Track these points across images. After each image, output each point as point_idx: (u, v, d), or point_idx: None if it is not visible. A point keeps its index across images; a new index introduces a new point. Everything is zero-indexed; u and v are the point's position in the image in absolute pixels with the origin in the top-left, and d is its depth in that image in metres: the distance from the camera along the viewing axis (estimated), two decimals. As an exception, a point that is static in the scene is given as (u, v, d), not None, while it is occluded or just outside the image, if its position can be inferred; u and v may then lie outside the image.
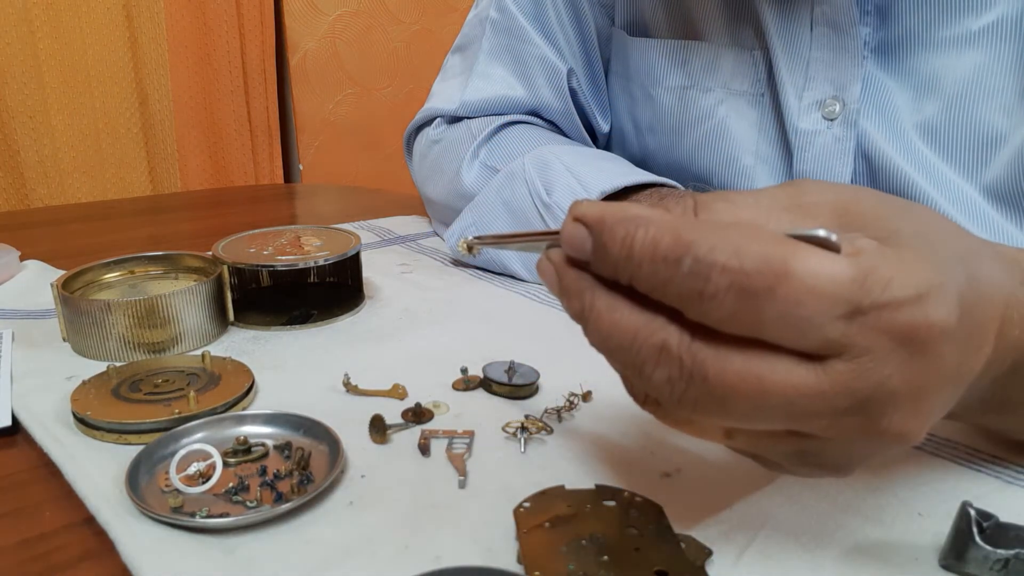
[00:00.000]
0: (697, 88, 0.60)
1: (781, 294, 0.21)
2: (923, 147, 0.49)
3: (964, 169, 0.48)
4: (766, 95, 0.56)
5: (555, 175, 0.56)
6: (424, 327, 0.51)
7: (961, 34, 0.47)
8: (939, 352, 0.23)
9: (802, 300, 0.21)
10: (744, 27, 0.57)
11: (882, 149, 0.49)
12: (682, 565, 0.27)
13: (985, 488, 0.32)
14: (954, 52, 0.48)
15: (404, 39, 2.02)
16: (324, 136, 1.94)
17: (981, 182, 0.47)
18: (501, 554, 0.29)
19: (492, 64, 0.67)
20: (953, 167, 0.48)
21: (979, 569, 0.27)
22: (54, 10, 1.47)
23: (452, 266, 0.64)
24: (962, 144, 0.48)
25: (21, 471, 0.35)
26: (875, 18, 0.50)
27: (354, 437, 0.36)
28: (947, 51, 0.48)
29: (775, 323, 0.22)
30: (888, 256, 0.23)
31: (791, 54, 0.53)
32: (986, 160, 0.47)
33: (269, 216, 0.92)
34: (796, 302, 0.21)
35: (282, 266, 0.51)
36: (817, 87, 0.52)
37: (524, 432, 0.36)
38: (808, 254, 0.22)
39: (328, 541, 0.30)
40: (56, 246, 0.74)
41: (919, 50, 0.49)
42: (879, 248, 0.23)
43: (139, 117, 1.62)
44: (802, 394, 0.22)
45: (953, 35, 0.47)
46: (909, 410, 0.23)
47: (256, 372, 0.42)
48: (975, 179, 0.48)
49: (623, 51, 0.66)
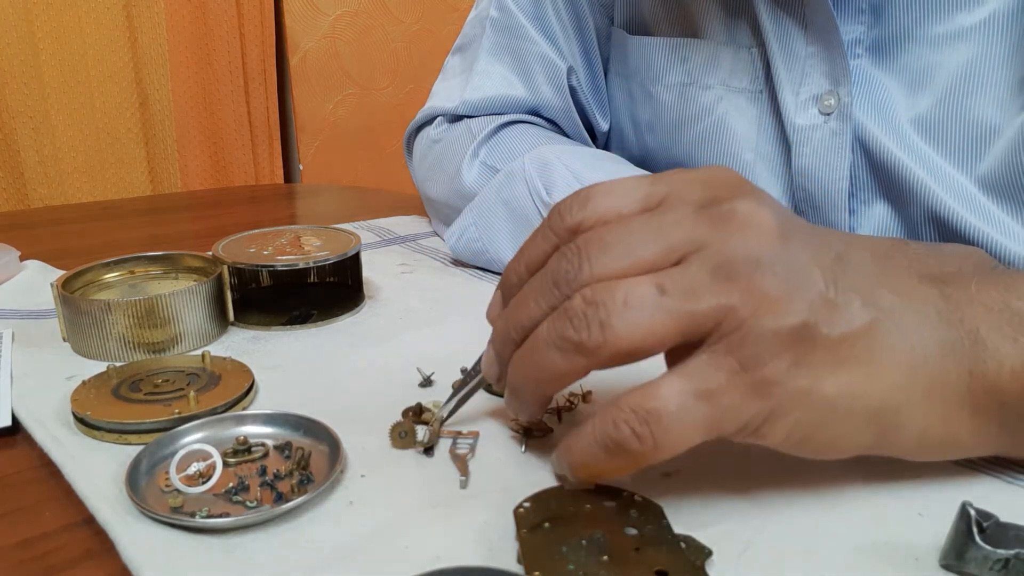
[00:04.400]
0: (696, 85, 0.60)
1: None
2: (919, 140, 0.49)
3: (958, 161, 0.48)
4: (764, 92, 0.56)
5: (555, 175, 0.56)
6: (424, 327, 0.51)
7: (953, 30, 0.48)
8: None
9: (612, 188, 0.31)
10: (741, 25, 0.57)
11: (880, 141, 0.50)
12: (682, 565, 0.27)
13: (985, 488, 0.32)
14: (947, 47, 0.48)
15: (404, 39, 2.02)
16: (324, 136, 1.94)
17: (976, 174, 0.48)
18: (501, 554, 0.29)
19: (492, 62, 0.67)
20: (948, 159, 0.49)
21: (979, 569, 0.27)
22: (54, 10, 1.47)
23: (452, 266, 0.64)
24: (956, 137, 0.48)
25: (21, 471, 0.36)
26: (869, 16, 0.50)
27: (354, 437, 0.36)
28: (940, 47, 0.48)
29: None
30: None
31: (787, 51, 0.53)
32: (980, 153, 0.48)
33: (269, 216, 0.92)
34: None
35: (282, 266, 0.51)
36: (813, 83, 0.52)
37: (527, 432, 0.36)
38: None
39: (328, 541, 0.30)
40: (56, 246, 0.74)
41: (912, 46, 0.49)
42: None
43: (139, 117, 1.62)
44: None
45: (946, 31, 0.48)
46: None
47: (256, 372, 0.42)
48: (969, 171, 0.48)
49: (622, 49, 0.66)
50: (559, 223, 0.31)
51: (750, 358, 0.27)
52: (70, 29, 1.50)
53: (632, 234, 0.29)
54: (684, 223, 0.28)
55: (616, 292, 0.27)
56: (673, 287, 0.27)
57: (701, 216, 0.28)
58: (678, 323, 0.27)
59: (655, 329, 0.27)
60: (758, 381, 0.27)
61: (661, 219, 0.29)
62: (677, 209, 0.29)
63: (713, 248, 0.28)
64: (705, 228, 0.28)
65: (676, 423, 0.27)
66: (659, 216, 0.29)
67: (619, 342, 0.27)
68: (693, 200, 0.29)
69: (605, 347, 0.27)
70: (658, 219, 0.29)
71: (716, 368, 0.27)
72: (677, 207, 0.29)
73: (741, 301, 0.27)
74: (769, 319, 0.27)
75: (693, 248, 0.28)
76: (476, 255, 0.61)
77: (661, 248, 0.28)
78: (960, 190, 0.48)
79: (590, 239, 0.29)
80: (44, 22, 1.46)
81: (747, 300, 0.27)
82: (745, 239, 0.28)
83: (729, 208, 0.28)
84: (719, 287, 0.27)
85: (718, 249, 0.28)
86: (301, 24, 1.84)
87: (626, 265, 0.28)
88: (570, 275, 0.29)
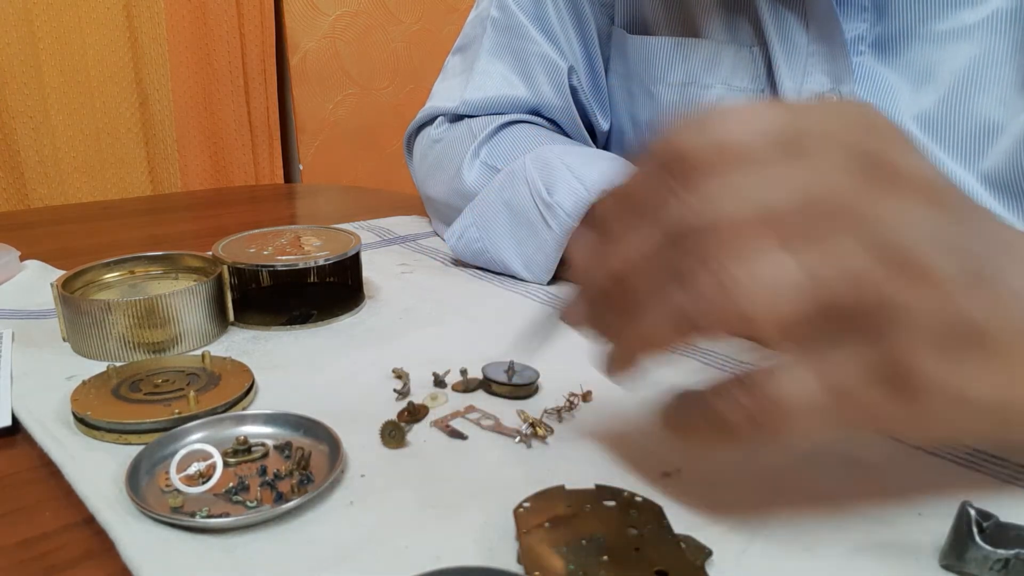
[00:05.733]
0: (697, 85, 0.60)
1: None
2: (922, 137, 0.49)
3: (962, 158, 0.48)
4: (766, 91, 0.56)
5: (556, 175, 0.56)
6: (424, 327, 0.51)
7: (957, 27, 0.48)
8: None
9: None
10: (742, 24, 0.57)
11: None
12: (682, 565, 0.27)
13: (985, 488, 0.32)
14: (950, 44, 0.48)
15: (404, 39, 2.02)
16: (324, 136, 1.94)
17: (979, 170, 0.48)
18: (501, 554, 0.29)
19: (493, 62, 0.67)
20: (951, 156, 0.49)
21: (979, 569, 0.27)
22: (54, 10, 1.47)
23: (452, 266, 0.64)
24: (960, 134, 0.48)
25: (21, 471, 0.35)
26: (872, 13, 0.50)
27: (354, 437, 0.36)
28: (943, 44, 0.48)
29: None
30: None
31: (789, 50, 0.54)
32: (983, 150, 0.48)
33: (269, 216, 0.92)
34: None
35: (282, 266, 0.51)
36: (815, 80, 0.53)
37: (530, 428, 0.37)
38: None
39: (328, 541, 0.30)
40: (56, 246, 0.74)
41: (915, 43, 0.50)
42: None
43: (139, 117, 1.62)
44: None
45: (949, 28, 0.48)
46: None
47: (256, 372, 0.42)
48: (973, 168, 0.48)
49: (623, 49, 0.66)
50: (666, 150, 0.25)
51: (902, 355, 0.23)
52: (70, 29, 1.50)
53: (767, 177, 0.23)
54: (836, 175, 0.23)
55: (746, 259, 0.22)
56: (821, 264, 0.22)
57: (857, 170, 0.23)
58: (818, 309, 0.23)
59: (790, 313, 0.22)
60: (906, 382, 0.23)
61: (806, 164, 0.23)
62: (824, 154, 0.23)
63: (874, 218, 0.23)
64: (864, 188, 0.23)
65: (802, 421, 0.24)
66: (802, 159, 0.23)
67: (743, 325, 0.23)
68: (845, 144, 0.23)
69: (725, 326, 0.23)
70: (802, 163, 0.23)
71: (857, 363, 0.23)
72: (824, 151, 0.23)
73: (899, 289, 0.23)
74: (929, 314, 0.23)
75: (847, 213, 0.23)
76: (476, 255, 0.61)
77: (803, 202, 0.22)
78: (963, 187, 0.48)
79: (710, 175, 0.23)
80: (44, 22, 1.46)
81: (907, 288, 0.23)
82: (914, 211, 0.23)
83: (892, 165, 0.23)
84: (878, 270, 0.22)
85: (883, 220, 0.23)
86: (301, 24, 1.84)
87: (759, 215, 0.22)
88: (685, 221, 0.23)
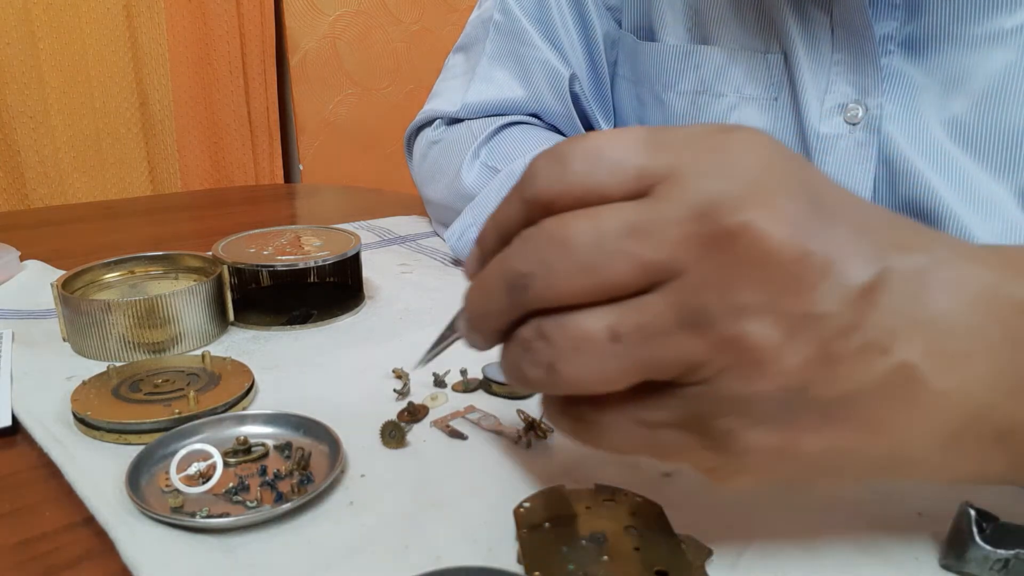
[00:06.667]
0: (709, 93, 0.59)
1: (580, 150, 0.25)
2: (951, 145, 0.48)
3: (996, 170, 0.46)
4: (779, 99, 0.55)
5: None
6: (424, 327, 0.51)
7: (993, 31, 0.46)
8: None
9: (601, 145, 0.25)
10: (759, 31, 0.56)
11: (905, 154, 0.48)
12: (682, 565, 0.27)
13: (985, 488, 0.32)
14: (985, 49, 0.46)
15: (404, 39, 2.02)
16: (324, 136, 1.94)
17: (1016, 184, 0.46)
18: (501, 554, 0.29)
19: (494, 67, 0.67)
20: (983, 166, 0.47)
21: (979, 569, 0.27)
22: (54, 10, 1.47)
23: (452, 266, 0.64)
24: (993, 145, 0.46)
25: (21, 471, 0.36)
26: (903, 11, 0.49)
27: (354, 437, 0.36)
28: (977, 48, 0.47)
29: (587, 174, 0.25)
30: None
31: (814, 57, 0.52)
32: (1019, 163, 0.46)
33: (269, 216, 0.92)
34: (597, 148, 0.25)
35: (282, 266, 0.51)
36: (839, 90, 0.51)
37: (530, 429, 0.37)
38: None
39: (328, 541, 0.30)
40: (56, 246, 0.74)
41: (948, 46, 0.48)
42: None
43: (139, 117, 1.62)
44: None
45: (984, 32, 0.46)
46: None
47: (256, 372, 0.42)
48: (1008, 181, 0.46)
49: (632, 55, 0.65)
50: (531, 189, 0.26)
51: (709, 416, 0.24)
52: (70, 29, 1.49)
53: (604, 238, 0.23)
54: (670, 235, 0.23)
55: (567, 330, 0.24)
56: (630, 331, 0.23)
57: (694, 230, 0.23)
58: (630, 373, 0.24)
59: (606, 377, 0.24)
60: (715, 439, 0.25)
61: (645, 219, 0.23)
62: (669, 209, 0.23)
63: (691, 283, 0.23)
64: (694, 251, 0.23)
65: (610, 438, 0.26)
66: (645, 213, 0.23)
67: (566, 387, 0.24)
68: (695, 196, 0.23)
69: (554, 387, 0.25)
70: (643, 218, 0.23)
71: (671, 412, 0.25)
72: (671, 205, 0.23)
73: (709, 356, 0.23)
74: (742, 382, 0.23)
75: (669, 275, 0.23)
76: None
77: (631, 268, 0.23)
78: (992, 203, 0.46)
79: (554, 235, 0.24)
80: (44, 22, 1.46)
81: (717, 356, 0.23)
82: (736, 275, 0.23)
83: (735, 225, 0.22)
84: (684, 338, 0.23)
85: (696, 287, 0.23)
86: (301, 24, 1.84)
87: (587, 285, 0.24)
88: (525, 281, 0.25)
